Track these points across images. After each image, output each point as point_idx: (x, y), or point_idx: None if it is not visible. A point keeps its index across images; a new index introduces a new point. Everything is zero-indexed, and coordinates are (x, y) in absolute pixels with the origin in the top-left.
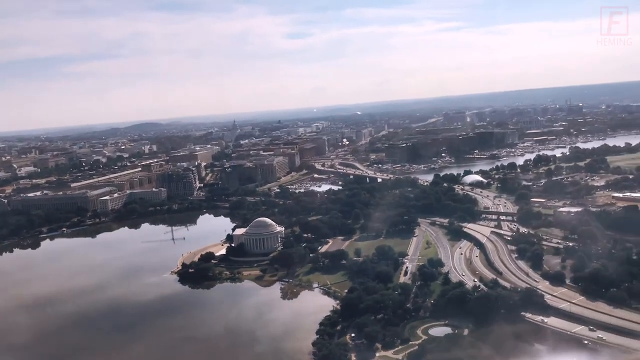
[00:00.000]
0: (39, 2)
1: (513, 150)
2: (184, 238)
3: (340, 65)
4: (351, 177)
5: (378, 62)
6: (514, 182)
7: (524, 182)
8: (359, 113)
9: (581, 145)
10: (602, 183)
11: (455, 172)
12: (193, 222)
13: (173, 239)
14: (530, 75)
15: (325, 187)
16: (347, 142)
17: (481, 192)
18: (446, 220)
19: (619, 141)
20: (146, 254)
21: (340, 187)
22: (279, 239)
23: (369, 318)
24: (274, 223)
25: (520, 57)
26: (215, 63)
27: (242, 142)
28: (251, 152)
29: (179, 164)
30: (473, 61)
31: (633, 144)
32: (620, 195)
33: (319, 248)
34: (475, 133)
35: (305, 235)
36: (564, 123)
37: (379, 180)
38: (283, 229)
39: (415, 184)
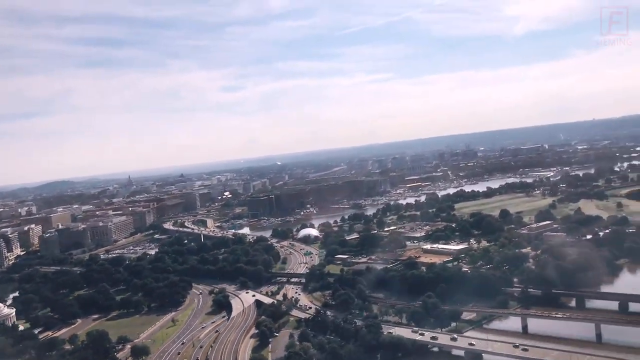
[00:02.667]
0: None
1: (381, 198)
2: None
3: (274, 116)
4: (171, 237)
5: (311, 113)
6: (335, 236)
7: (353, 236)
8: (278, 163)
9: (446, 191)
10: (422, 234)
11: (313, 222)
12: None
13: None
14: (454, 122)
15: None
16: (230, 196)
17: (303, 249)
18: (228, 287)
19: (489, 184)
20: None
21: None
22: None
23: None
24: (1, 305)
25: (445, 105)
26: (148, 118)
27: (114, 200)
28: (97, 213)
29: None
30: (402, 110)
31: (494, 188)
32: (429, 247)
33: (50, 333)
34: (344, 182)
35: (56, 315)
36: (444, 168)
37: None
38: (13, 311)
39: (242, 242)
